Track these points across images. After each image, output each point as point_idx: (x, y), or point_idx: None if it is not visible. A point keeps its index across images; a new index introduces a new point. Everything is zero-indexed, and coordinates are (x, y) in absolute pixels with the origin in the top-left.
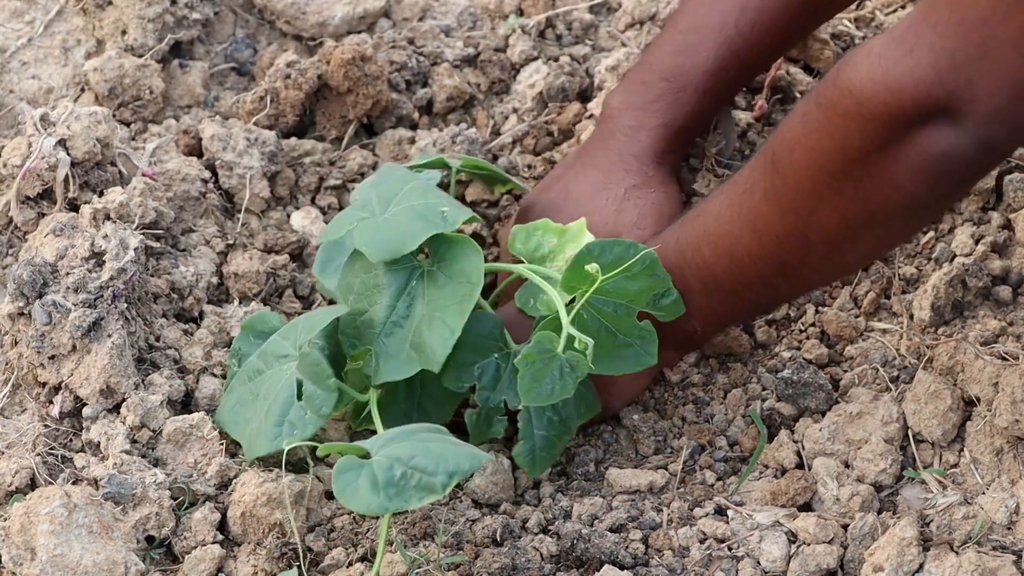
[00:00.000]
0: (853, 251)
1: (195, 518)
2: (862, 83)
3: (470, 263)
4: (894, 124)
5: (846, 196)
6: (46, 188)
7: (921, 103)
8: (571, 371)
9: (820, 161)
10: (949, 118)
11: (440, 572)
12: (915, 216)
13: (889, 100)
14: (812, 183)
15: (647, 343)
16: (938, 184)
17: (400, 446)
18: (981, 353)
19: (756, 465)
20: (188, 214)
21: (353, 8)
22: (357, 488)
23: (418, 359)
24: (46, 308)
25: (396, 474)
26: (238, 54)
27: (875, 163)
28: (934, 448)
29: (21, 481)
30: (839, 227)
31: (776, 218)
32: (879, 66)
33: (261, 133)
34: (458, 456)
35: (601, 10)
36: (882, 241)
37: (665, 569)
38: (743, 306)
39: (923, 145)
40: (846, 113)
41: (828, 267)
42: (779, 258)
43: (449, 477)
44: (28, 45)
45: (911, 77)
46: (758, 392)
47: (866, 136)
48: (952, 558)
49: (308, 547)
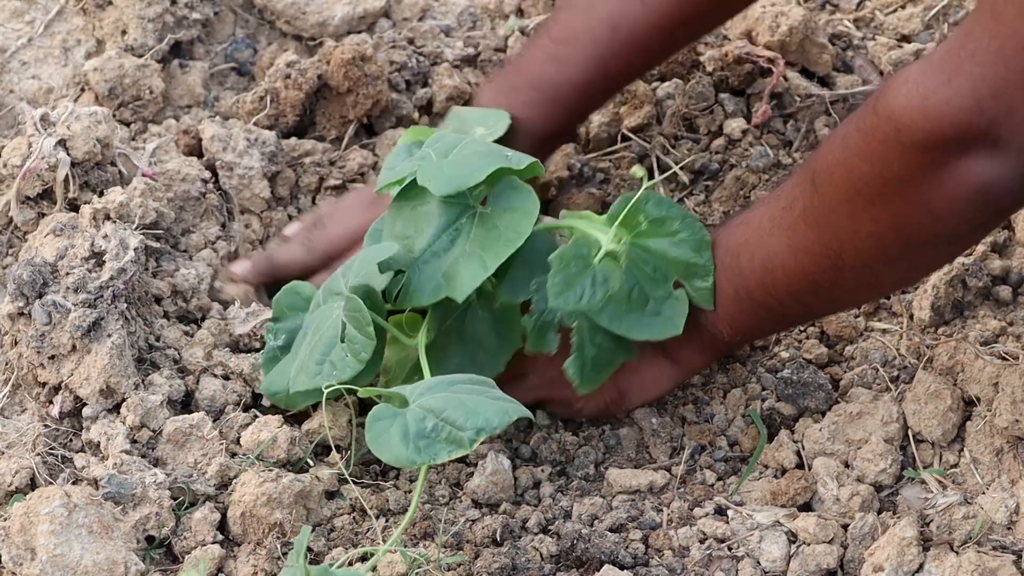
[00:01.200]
0: (887, 275)
1: (195, 518)
2: (901, 111)
3: (524, 214)
4: (933, 152)
5: (882, 222)
6: (46, 188)
7: (961, 132)
8: (604, 283)
9: (858, 185)
10: (989, 147)
11: (440, 572)
12: (950, 243)
13: (928, 128)
14: (850, 206)
15: (677, 313)
16: (976, 214)
17: (437, 397)
18: (981, 353)
19: (756, 465)
20: (188, 214)
21: (353, 8)
22: (389, 438)
23: (446, 287)
24: (46, 308)
25: (428, 426)
26: (238, 54)
27: (913, 191)
28: (934, 448)
29: (21, 481)
30: (874, 251)
31: (812, 236)
32: (917, 94)
33: (261, 133)
34: (488, 411)
35: None
36: (916, 267)
37: (665, 569)
38: (772, 319)
39: (963, 174)
40: (885, 140)
41: (860, 289)
42: (812, 276)
43: (477, 433)
44: (28, 45)
45: (950, 106)
46: (758, 392)
47: (904, 164)
48: (952, 558)
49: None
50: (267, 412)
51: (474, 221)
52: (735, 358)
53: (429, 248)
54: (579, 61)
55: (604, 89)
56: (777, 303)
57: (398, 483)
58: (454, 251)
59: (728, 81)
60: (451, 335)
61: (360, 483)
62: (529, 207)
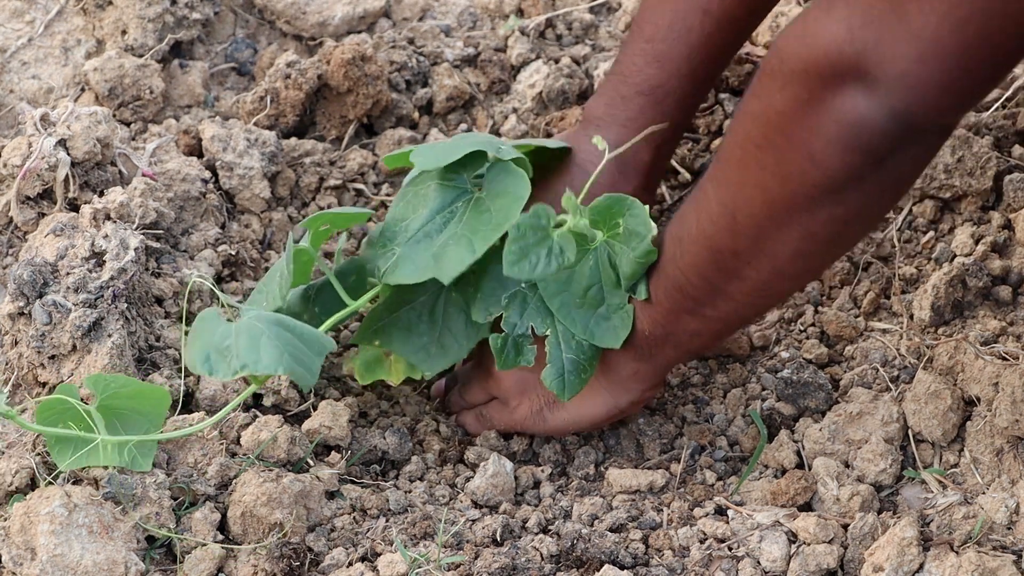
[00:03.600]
0: (781, 242)
1: (195, 518)
2: (784, 40)
3: (513, 199)
4: (810, 84)
5: (767, 168)
6: (46, 188)
7: (834, 60)
8: (560, 254)
9: (748, 128)
10: (861, 81)
11: (440, 572)
12: (837, 203)
13: (804, 55)
14: (741, 151)
15: (622, 326)
16: (855, 157)
17: (251, 325)
18: (981, 353)
19: (756, 465)
20: (188, 214)
21: (353, 8)
22: (197, 340)
23: (433, 267)
24: (46, 308)
25: (225, 344)
26: (238, 54)
27: (793, 129)
28: (934, 448)
29: (21, 481)
30: (763, 205)
31: (712, 193)
32: (800, 23)
33: (261, 133)
34: (267, 355)
35: (601, 10)
36: (811, 237)
37: (665, 569)
38: (685, 306)
39: (837, 111)
40: (771, 72)
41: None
42: (713, 242)
43: (242, 367)
44: (28, 45)
45: (825, 33)
46: (758, 392)
47: (785, 97)
48: (952, 558)
49: (308, 547)
50: (267, 412)
51: (469, 205)
52: (735, 358)
53: (422, 228)
54: (680, 54)
55: (708, 76)
56: (686, 281)
57: (398, 483)
58: (445, 233)
59: (728, 81)
60: (423, 312)
61: (360, 483)
62: (520, 192)
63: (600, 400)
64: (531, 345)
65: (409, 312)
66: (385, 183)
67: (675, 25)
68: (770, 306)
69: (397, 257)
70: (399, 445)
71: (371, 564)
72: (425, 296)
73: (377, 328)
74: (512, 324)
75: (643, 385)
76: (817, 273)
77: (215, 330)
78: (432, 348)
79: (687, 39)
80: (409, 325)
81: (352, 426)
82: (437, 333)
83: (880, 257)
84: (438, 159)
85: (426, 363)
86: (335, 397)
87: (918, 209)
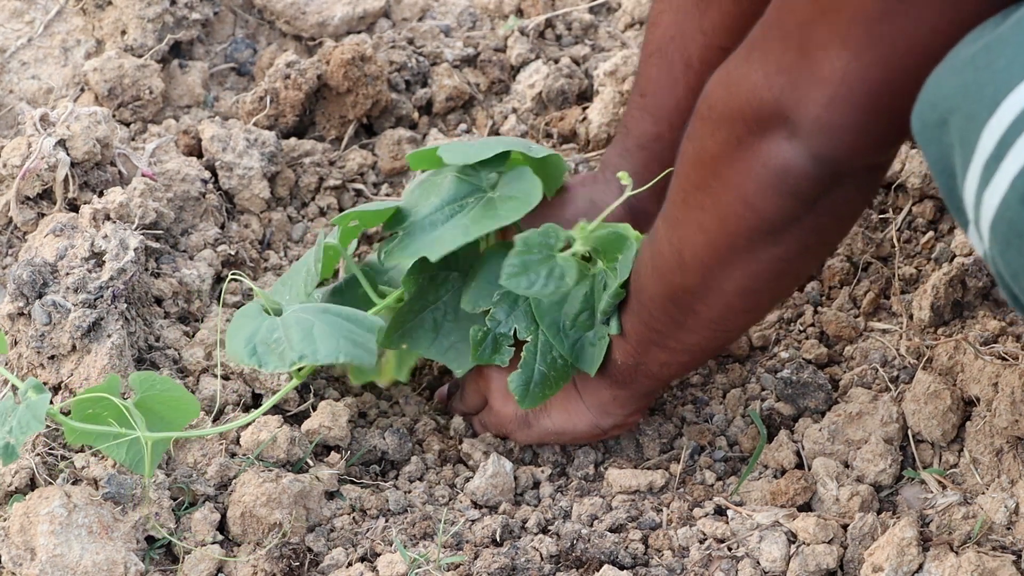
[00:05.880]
0: (727, 280)
1: (195, 518)
2: (711, 87)
3: (522, 202)
4: (736, 129)
5: (706, 209)
6: (46, 188)
7: (755, 106)
8: (560, 278)
9: (687, 169)
10: (784, 127)
11: (440, 572)
12: (776, 244)
13: (729, 102)
14: (683, 194)
15: (595, 355)
16: (786, 201)
17: (299, 316)
18: (981, 353)
19: (756, 465)
20: (188, 214)
21: (353, 8)
22: (239, 333)
23: (423, 248)
24: (46, 308)
25: (273, 337)
26: (238, 54)
27: (727, 176)
28: (934, 448)
29: (21, 481)
30: (704, 247)
31: (662, 232)
32: (724, 71)
33: (261, 133)
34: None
35: (601, 10)
36: (755, 277)
37: (665, 569)
38: (652, 338)
39: (764, 156)
40: (701, 116)
41: (711, 301)
42: (666, 279)
43: (300, 357)
44: (28, 45)
45: (745, 79)
46: (758, 392)
47: (716, 140)
48: (952, 558)
49: (308, 547)
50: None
51: (480, 203)
52: (734, 358)
53: (428, 216)
54: (669, 106)
55: None
56: (649, 316)
57: (397, 483)
58: (450, 223)
59: None
60: (447, 311)
61: (360, 483)
62: (530, 197)
63: (584, 419)
64: (510, 346)
65: (434, 312)
66: (385, 183)
67: (662, 80)
68: (731, 339)
69: (399, 240)
70: (399, 445)
71: (371, 564)
72: (448, 295)
73: (403, 331)
74: (497, 321)
75: (624, 410)
76: (769, 308)
77: (260, 324)
78: (461, 346)
79: (674, 92)
80: (435, 326)
81: (352, 426)
82: (463, 331)
83: (880, 257)
84: (468, 156)
85: (457, 361)
86: (335, 397)
87: (918, 209)
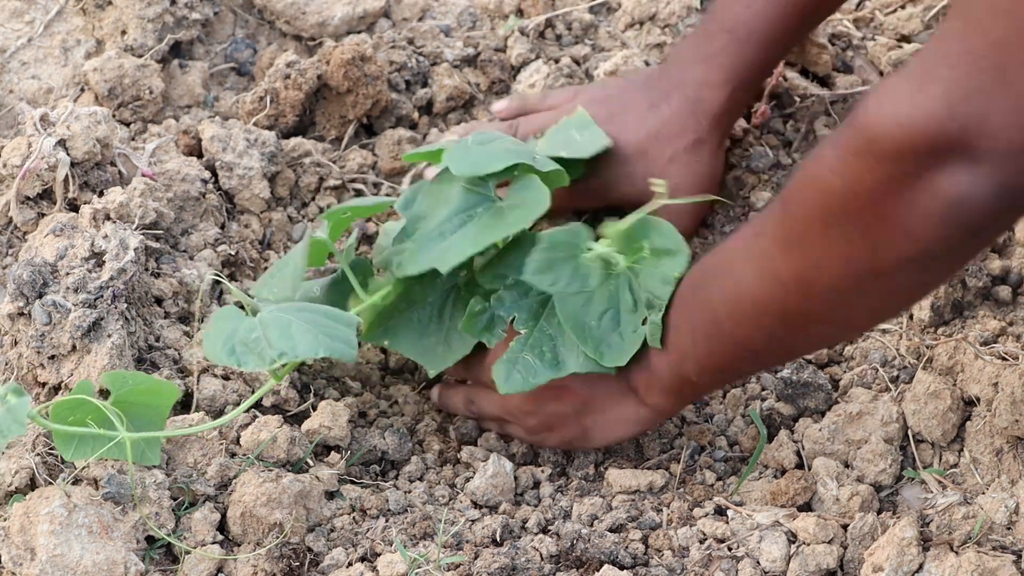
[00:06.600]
0: (859, 305)
1: (195, 518)
2: (873, 121)
3: (530, 211)
4: (906, 164)
5: (854, 243)
6: (46, 188)
7: (934, 141)
8: (583, 279)
9: (829, 202)
10: (964, 158)
11: (440, 572)
12: (926, 270)
13: (900, 137)
14: (822, 226)
15: (629, 346)
16: (953, 232)
17: (276, 315)
18: (981, 353)
19: (756, 465)
20: (188, 214)
21: (353, 8)
22: (218, 334)
23: (436, 260)
24: (46, 308)
25: (252, 336)
26: (238, 54)
27: (886, 207)
28: (934, 448)
29: (21, 481)
30: (845, 276)
31: (781, 261)
32: (890, 102)
33: (261, 133)
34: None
35: (601, 10)
36: (891, 297)
37: (665, 569)
38: (744, 357)
39: (937, 188)
40: (858, 152)
41: (832, 322)
42: (782, 306)
43: (279, 355)
44: (28, 45)
45: (922, 113)
46: (758, 392)
47: (876, 177)
48: (952, 558)
49: (308, 547)
50: (267, 412)
51: (489, 213)
52: None
53: (438, 227)
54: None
55: (796, 25)
56: (747, 338)
57: (398, 483)
58: (459, 234)
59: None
60: (433, 313)
61: (360, 483)
62: (537, 207)
63: (632, 419)
64: (502, 331)
65: (420, 312)
66: (385, 183)
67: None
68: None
69: (408, 252)
70: (399, 445)
71: (371, 564)
72: (435, 296)
73: (387, 327)
74: (501, 302)
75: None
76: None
77: (238, 324)
78: (439, 348)
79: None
80: (420, 326)
81: (352, 426)
82: (444, 333)
83: None
84: (475, 166)
85: (432, 363)
86: (335, 397)
87: None
